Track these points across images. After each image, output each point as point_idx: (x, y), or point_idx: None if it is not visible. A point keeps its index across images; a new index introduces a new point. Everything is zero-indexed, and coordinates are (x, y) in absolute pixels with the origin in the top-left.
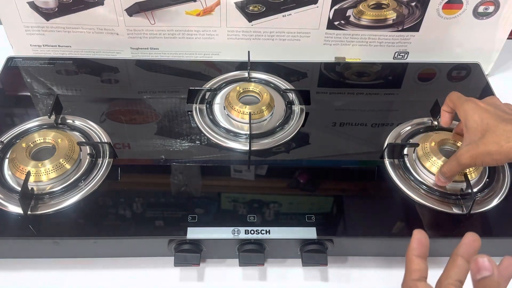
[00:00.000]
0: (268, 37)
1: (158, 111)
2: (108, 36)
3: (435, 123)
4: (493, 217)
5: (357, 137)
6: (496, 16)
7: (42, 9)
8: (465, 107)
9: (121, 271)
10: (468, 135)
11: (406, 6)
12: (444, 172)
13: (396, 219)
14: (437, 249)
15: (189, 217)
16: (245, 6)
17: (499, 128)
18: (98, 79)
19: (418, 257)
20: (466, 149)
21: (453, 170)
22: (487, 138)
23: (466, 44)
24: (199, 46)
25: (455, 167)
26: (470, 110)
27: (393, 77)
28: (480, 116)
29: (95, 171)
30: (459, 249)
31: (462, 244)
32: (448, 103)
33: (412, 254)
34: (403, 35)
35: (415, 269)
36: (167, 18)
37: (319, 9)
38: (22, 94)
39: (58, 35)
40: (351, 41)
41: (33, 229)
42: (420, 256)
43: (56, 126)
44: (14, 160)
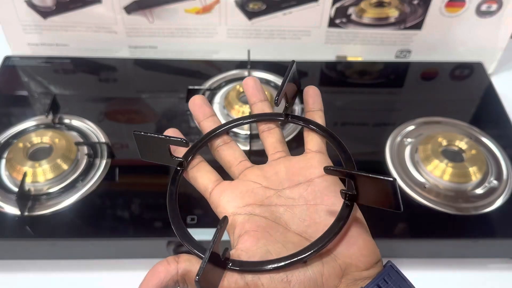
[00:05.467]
0: (268, 36)
1: (156, 110)
2: (106, 35)
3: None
4: (496, 218)
5: (358, 137)
6: (499, 14)
7: (39, 7)
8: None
9: (119, 273)
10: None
11: (408, 4)
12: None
13: (396, 219)
14: (437, 249)
15: (188, 218)
16: (245, 4)
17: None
18: (96, 78)
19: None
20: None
21: None
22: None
23: (469, 43)
24: (198, 45)
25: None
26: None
27: (395, 76)
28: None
29: (92, 172)
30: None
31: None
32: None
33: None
34: (405, 33)
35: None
36: (166, 16)
37: (320, 7)
38: (19, 94)
39: (55, 33)
40: (353, 40)
41: (30, 230)
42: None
43: (53, 125)
44: (11, 160)
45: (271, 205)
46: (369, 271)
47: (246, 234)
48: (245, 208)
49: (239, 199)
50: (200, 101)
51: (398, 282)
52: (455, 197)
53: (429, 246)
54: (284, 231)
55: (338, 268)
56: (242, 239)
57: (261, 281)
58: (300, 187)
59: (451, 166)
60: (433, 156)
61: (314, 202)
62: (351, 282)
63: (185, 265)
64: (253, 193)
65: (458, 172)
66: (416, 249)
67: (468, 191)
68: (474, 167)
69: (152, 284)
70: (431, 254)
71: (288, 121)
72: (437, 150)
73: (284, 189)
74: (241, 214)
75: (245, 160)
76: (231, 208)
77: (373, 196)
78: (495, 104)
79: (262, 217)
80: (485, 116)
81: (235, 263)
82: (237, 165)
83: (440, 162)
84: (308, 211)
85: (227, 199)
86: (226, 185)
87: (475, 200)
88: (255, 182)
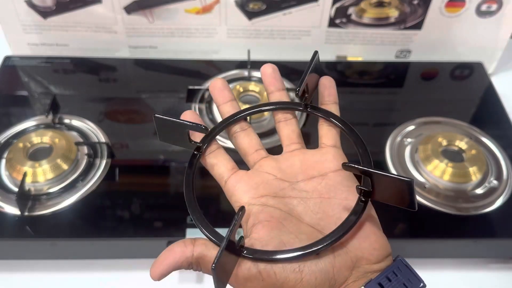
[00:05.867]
0: (268, 36)
1: (156, 110)
2: (106, 35)
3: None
4: (496, 218)
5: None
6: (499, 14)
7: (39, 7)
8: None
9: (119, 273)
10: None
11: (408, 4)
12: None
13: (396, 219)
14: (437, 249)
15: (188, 218)
16: (245, 4)
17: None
18: (96, 78)
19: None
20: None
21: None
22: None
23: (469, 43)
24: (198, 45)
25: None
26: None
27: (395, 76)
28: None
29: (92, 172)
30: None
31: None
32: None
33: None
34: (405, 33)
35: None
36: (166, 16)
37: (320, 7)
38: (19, 94)
39: (55, 33)
40: (353, 40)
41: (30, 230)
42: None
43: (53, 125)
44: (11, 160)
45: (285, 197)
46: (379, 264)
47: (259, 224)
48: (260, 199)
49: (254, 189)
50: (221, 85)
51: (407, 275)
52: (455, 197)
53: (429, 246)
54: (297, 222)
55: (349, 261)
56: (255, 229)
57: (273, 270)
58: (314, 180)
59: (451, 166)
60: (433, 156)
61: (328, 195)
62: (361, 274)
63: (201, 249)
64: (268, 184)
65: (458, 172)
66: (416, 249)
67: (468, 191)
68: (474, 167)
69: (167, 262)
70: (431, 254)
71: (308, 111)
72: (437, 150)
73: (298, 182)
74: (255, 204)
75: (261, 149)
76: (246, 198)
77: (389, 194)
78: (495, 104)
79: (276, 208)
80: (485, 116)
81: (249, 251)
82: (253, 154)
83: (440, 162)
84: (321, 204)
85: (242, 189)
86: (241, 175)
87: (475, 200)
88: (270, 174)
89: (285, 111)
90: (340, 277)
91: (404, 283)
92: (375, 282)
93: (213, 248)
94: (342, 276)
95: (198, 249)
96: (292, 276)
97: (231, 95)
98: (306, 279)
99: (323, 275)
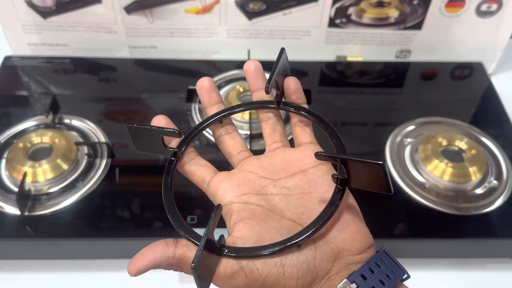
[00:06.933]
0: (268, 36)
1: (156, 110)
2: (106, 35)
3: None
4: (496, 218)
5: (358, 137)
6: (499, 14)
7: (39, 7)
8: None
9: (119, 273)
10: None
11: (408, 4)
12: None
13: (396, 219)
14: (437, 249)
15: (188, 218)
16: (245, 4)
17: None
18: (96, 78)
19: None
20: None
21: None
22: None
23: (469, 43)
24: (198, 45)
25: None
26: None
27: (395, 76)
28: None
29: (92, 172)
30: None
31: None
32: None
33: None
34: (405, 33)
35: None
36: (166, 17)
37: (320, 7)
38: (19, 94)
39: (55, 33)
40: (353, 40)
41: (30, 230)
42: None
43: (53, 125)
44: (11, 160)
45: (267, 194)
46: (361, 255)
47: (241, 221)
48: (242, 197)
49: (236, 187)
50: (208, 86)
51: (390, 266)
52: (455, 197)
53: (429, 246)
54: (279, 218)
55: (331, 252)
56: (237, 227)
57: (256, 266)
58: (295, 177)
59: (451, 166)
60: (433, 156)
61: (309, 190)
62: (343, 266)
63: (183, 250)
64: (250, 182)
65: (458, 172)
66: (416, 249)
67: (468, 191)
68: (474, 167)
69: (147, 259)
70: (431, 254)
71: (280, 108)
72: (437, 150)
73: (280, 179)
74: (237, 202)
75: (245, 150)
76: (228, 197)
77: (364, 179)
78: (495, 104)
79: (257, 205)
80: (485, 116)
81: (230, 249)
82: (237, 155)
83: (440, 162)
84: (302, 199)
85: (224, 188)
86: (223, 175)
87: (475, 200)
88: (252, 172)
89: (266, 110)
90: (322, 269)
91: (387, 274)
92: (358, 274)
93: (194, 249)
94: (324, 268)
95: (180, 250)
96: (274, 270)
97: (219, 98)
98: (288, 272)
99: (304, 267)
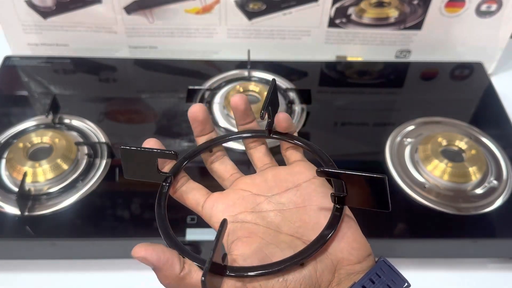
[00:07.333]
0: (268, 36)
1: (156, 110)
2: (106, 35)
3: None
4: (496, 218)
5: (358, 137)
6: (499, 14)
7: (39, 7)
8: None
9: (119, 273)
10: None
11: (408, 4)
12: None
13: (396, 219)
14: (437, 249)
15: (188, 218)
16: (245, 4)
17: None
18: (96, 78)
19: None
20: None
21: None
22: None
23: (469, 43)
24: (198, 45)
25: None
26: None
27: (395, 76)
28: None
29: (92, 172)
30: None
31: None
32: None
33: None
34: (405, 33)
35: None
36: (166, 17)
37: (320, 7)
38: (19, 94)
39: (55, 33)
40: (353, 40)
41: (30, 230)
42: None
43: (53, 125)
44: (11, 160)
45: (262, 211)
46: (361, 264)
47: (238, 240)
48: (237, 216)
49: (231, 207)
50: (202, 118)
51: (391, 276)
52: (455, 197)
53: (429, 246)
54: (276, 234)
55: (330, 263)
56: (235, 246)
57: (259, 283)
58: (289, 192)
59: (451, 166)
60: (433, 156)
61: (303, 204)
62: (344, 276)
63: (188, 269)
64: (244, 200)
65: (458, 172)
66: (416, 249)
67: (468, 191)
68: (474, 167)
69: (157, 258)
70: (431, 254)
71: (271, 137)
72: (437, 150)
73: (273, 195)
74: (233, 222)
75: (236, 172)
76: (224, 216)
77: (362, 196)
78: (495, 104)
79: (253, 223)
80: (485, 116)
81: (232, 269)
82: (229, 178)
83: (440, 162)
84: (298, 213)
85: (219, 208)
86: (217, 196)
87: (475, 200)
88: (245, 190)
89: (254, 139)
90: (324, 280)
91: (388, 284)
92: (359, 285)
93: (197, 269)
94: (326, 280)
95: (185, 272)
96: (277, 285)
97: (211, 128)
98: (291, 286)
99: (307, 281)
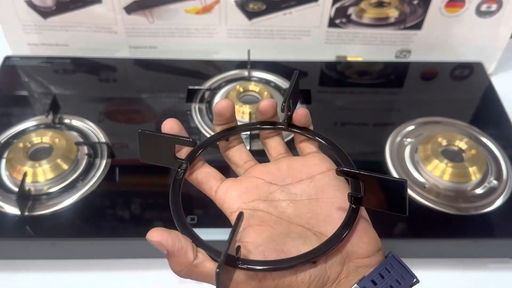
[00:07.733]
0: (268, 36)
1: (156, 110)
2: (106, 35)
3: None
4: (496, 218)
5: (358, 137)
6: (499, 14)
7: (39, 7)
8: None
9: (119, 273)
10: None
11: (408, 4)
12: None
13: (396, 219)
14: (437, 249)
15: (188, 218)
16: (245, 4)
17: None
18: (96, 78)
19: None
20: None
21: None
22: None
23: (469, 43)
24: (198, 45)
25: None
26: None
27: (395, 76)
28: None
29: (93, 172)
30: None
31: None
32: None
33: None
34: (405, 33)
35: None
36: (166, 17)
37: (320, 7)
38: (19, 94)
39: (55, 33)
40: (353, 40)
41: (30, 230)
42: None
43: (53, 125)
44: (11, 160)
45: (275, 200)
46: (370, 258)
47: (250, 228)
48: (250, 204)
49: (244, 194)
50: (228, 115)
51: (400, 271)
52: (455, 197)
53: (429, 246)
54: (287, 224)
55: (340, 256)
56: (246, 233)
57: (270, 274)
58: (302, 183)
59: (451, 166)
60: (433, 156)
61: (316, 196)
62: (353, 269)
63: (200, 260)
64: (257, 189)
65: (458, 172)
66: (416, 249)
67: (468, 191)
68: (474, 167)
69: (173, 243)
70: (431, 254)
71: (289, 130)
72: (437, 150)
73: (287, 184)
74: (246, 209)
75: (251, 160)
76: (236, 203)
77: (380, 198)
78: (495, 104)
79: (266, 212)
80: (485, 116)
81: (245, 262)
82: (243, 165)
83: (440, 162)
84: (310, 205)
85: (232, 194)
86: (231, 182)
87: (475, 200)
88: (259, 178)
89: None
90: (333, 272)
91: (397, 279)
92: (368, 279)
93: (210, 261)
94: (335, 272)
95: (198, 260)
96: (287, 275)
97: (234, 121)
98: (301, 278)
99: (316, 272)
